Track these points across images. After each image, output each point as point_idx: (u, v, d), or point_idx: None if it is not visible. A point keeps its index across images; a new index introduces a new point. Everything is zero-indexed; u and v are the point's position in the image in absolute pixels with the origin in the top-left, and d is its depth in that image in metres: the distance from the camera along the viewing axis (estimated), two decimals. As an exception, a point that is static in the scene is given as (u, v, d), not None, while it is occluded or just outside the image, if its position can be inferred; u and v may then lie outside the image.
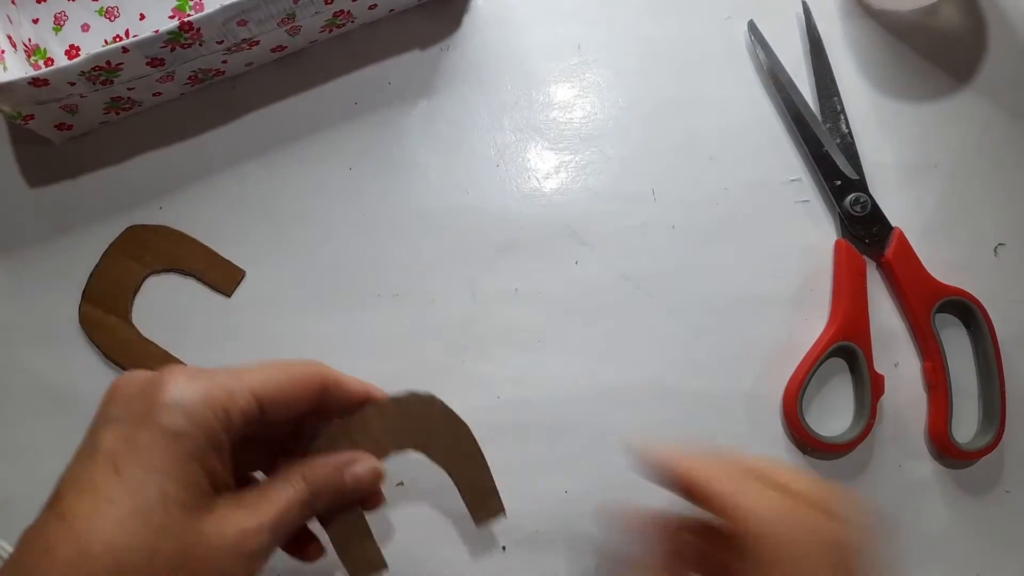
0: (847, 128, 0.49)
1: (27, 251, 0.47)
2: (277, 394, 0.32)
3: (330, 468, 0.33)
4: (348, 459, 0.34)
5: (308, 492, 0.32)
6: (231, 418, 0.30)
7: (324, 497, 0.33)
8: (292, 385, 0.32)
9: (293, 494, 0.32)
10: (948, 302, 0.47)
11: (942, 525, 0.46)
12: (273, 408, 0.31)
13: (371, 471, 0.34)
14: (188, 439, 0.28)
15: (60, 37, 0.49)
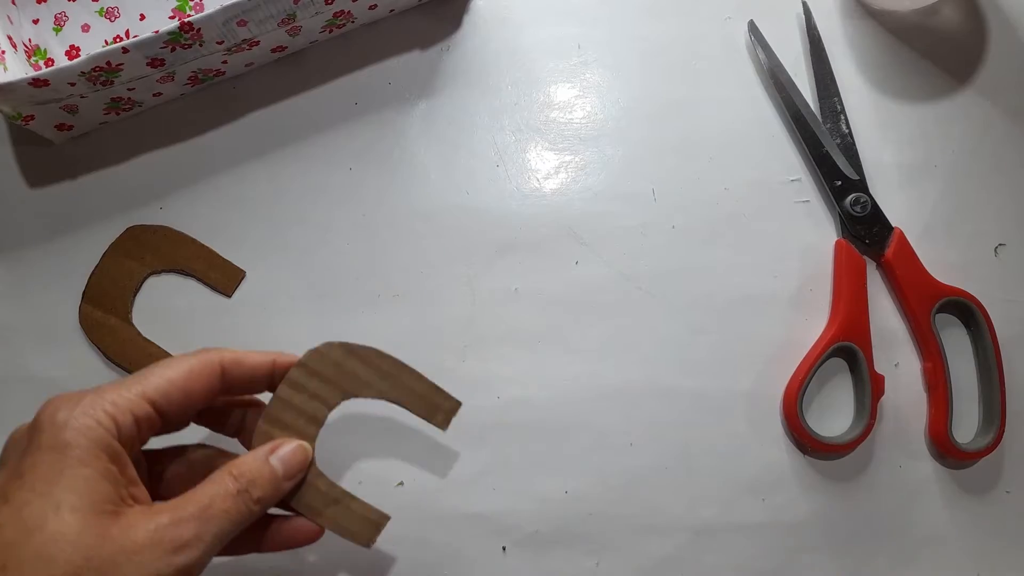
0: (847, 128, 0.49)
1: (27, 251, 0.47)
2: (174, 391, 0.32)
3: (253, 459, 0.34)
4: (270, 447, 0.35)
5: (237, 485, 0.32)
6: (120, 426, 0.30)
7: (259, 487, 0.33)
8: (189, 378, 0.33)
9: (220, 487, 0.32)
10: (948, 302, 0.47)
11: (942, 525, 0.46)
12: (176, 406, 0.32)
13: (295, 450, 0.35)
14: (75, 450, 0.29)
15: (60, 37, 0.49)
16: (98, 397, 0.31)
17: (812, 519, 0.45)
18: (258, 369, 0.36)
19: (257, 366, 0.36)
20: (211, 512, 0.31)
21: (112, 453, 0.30)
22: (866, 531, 0.45)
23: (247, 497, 0.32)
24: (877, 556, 0.45)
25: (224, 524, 0.31)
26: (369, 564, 0.44)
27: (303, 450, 0.36)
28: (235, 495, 0.32)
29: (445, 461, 0.45)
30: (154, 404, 0.32)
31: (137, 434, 0.31)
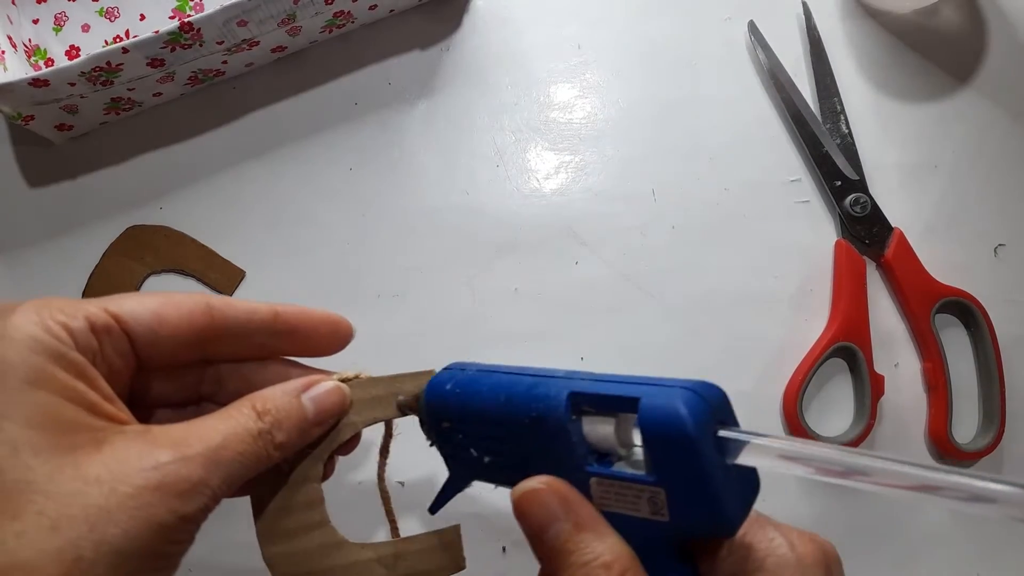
0: (847, 128, 0.49)
1: (27, 251, 0.47)
2: (144, 312, 0.27)
3: (282, 393, 0.28)
4: (304, 383, 0.29)
5: (260, 423, 0.27)
6: (74, 332, 0.24)
7: (284, 429, 0.28)
8: (165, 304, 0.28)
9: (238, 425, 0.26)
10: (948, 303, 0.47)
11: (942, 525, 0.46)
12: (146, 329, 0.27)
13: (332, 391, 0.30)
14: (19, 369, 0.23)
15: (60, 37, 0.49)
16: (43, 303, 0.25)
17: (812, 519, 0.45)
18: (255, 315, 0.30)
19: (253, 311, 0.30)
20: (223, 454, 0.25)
21: (71, 365, 0.24)
22: (866, 532, 0.45)
23: (268, 440, 0.27)
24: (877, 556, 0.45)
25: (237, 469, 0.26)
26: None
27: (340, 393, 0.30)
28: (255, 435, 0.26)
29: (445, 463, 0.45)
30: (117, 318, 0.26)
31: (98, 347, 0.25)
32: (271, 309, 0.30)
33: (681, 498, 0.23)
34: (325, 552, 0.30)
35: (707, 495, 0.23)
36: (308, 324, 0.31)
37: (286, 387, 0.29)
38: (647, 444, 0.23)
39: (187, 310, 0.28)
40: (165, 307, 0.27)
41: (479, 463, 0.29)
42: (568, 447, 0.25)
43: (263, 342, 0.30)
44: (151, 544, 0.23)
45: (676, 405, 0.22)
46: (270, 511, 0.30)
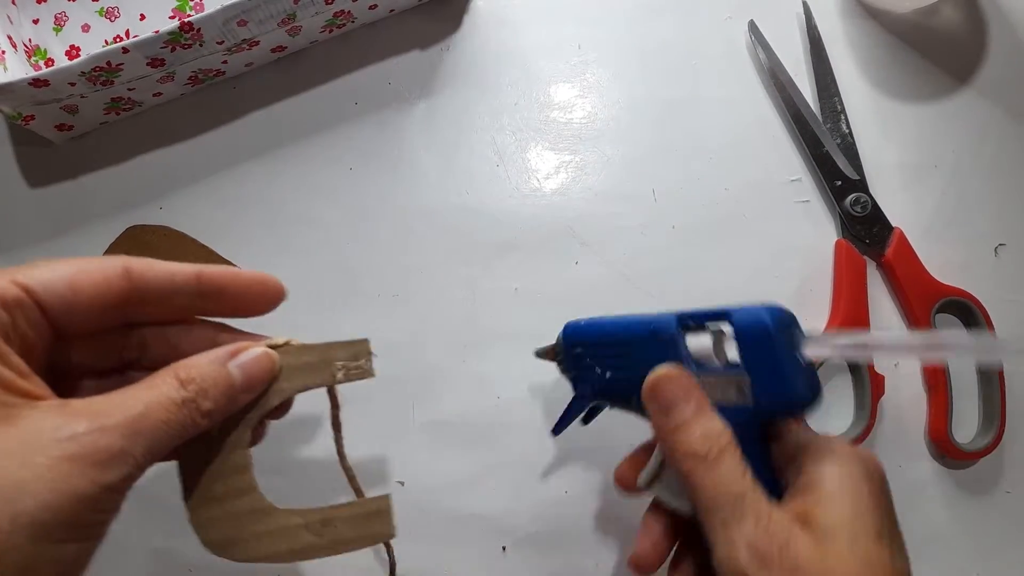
0: (847, 128, 0.49)
1: (27, 251, 0.47)
2: (57, 281, 0.26)
3: (208, 361, 0.28)
4: (231, 350, 0.29)
5: (183, 392, 0.27)
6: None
7: (211, 397, 0.27)
8: (79, 272, 0.27)
9: (160, 394, 0.26)
10: (948, 302, 0.47)
11: (942, 525, 0.45)
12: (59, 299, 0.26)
13: (259, 357, 0.30)
14: None
15: (60, 37, 0.49)
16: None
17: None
18: (176, 276, 0.29)
19: (174, 272, 0.29)
20: (145, 423, 0.25)
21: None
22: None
23: (193, 408, 0.27)
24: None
25: (161, 437, 0.26)
26: (369, 565, 0.44)
27: (269, 359, 0.30)
28: (179, 404, 0.26)
29: (445, 461, 0.45)
30: (27, 290, 0.26)
31: (9, 321, 0.25)
32: (195, 270, 0.29)
33: (763, 383, 0.31)
34: (253, 517, 0.30)
35: (783, 377, 0.30)
36: (236, 285, 0.31)
37: (212, 355, 0.28)
38: (738, 340, 0.31)
39: (103, 276, 0.27)
40: (79, 274, 0.27)
41: (602, 379, 0.36)
42: (676, 357, 0.33)
43: (188, 304, 0.30)
44: (72, 514, 0.23)
45: (759, 311, 0.31)
46: (198, 476, 0.30)
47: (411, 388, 0.45)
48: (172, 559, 0.44)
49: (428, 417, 0.45)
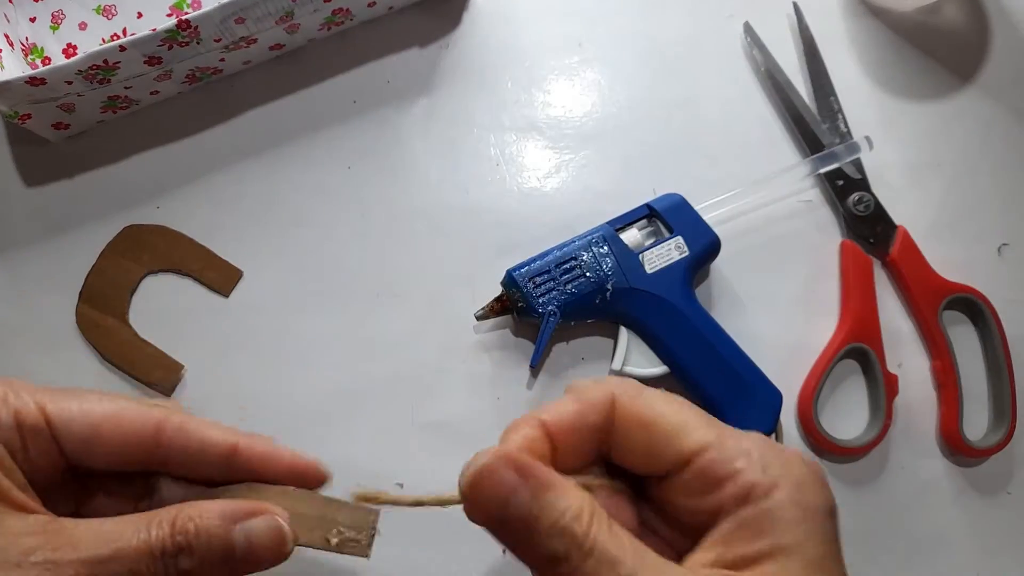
0: (845, 128, 0.49)
1: (24, 251, 0.47)
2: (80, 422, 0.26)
3: (215, 516, 0.25)
4: (246, 509, 0.26)
5: (168, 544, 0.24)
6: None
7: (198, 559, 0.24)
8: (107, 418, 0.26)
9: (138, 538, 0.24)
10: (955, 299, 0.46)
11: (943, 525, 0.45)
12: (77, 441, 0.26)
13: (272, 531, 0.26)
14: None
15: (57, 36, 0.48)
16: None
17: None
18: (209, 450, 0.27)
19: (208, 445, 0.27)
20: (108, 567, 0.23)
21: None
22: (867, 531, 0.45)
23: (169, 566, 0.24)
24: (878, 556, 0.45)
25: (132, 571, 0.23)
26: (369, 565, 0.43)
27: (281, 534, 0.26)
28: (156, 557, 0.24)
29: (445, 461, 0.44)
30: (49, 423, 0.26)
31: (20, 443, 0.25)
32: (230, 445, 0.27)
33: (691, 235, 0.44)
34: None
35: (704, 228, 0.44)
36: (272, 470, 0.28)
37: (224, 508, 0.25)
38: (665, 214, 0.44)
39: (133, 430, 0.26)
40: (108, 421, 0.26)
41: (563, 292, 0.43)
42: (621, 250, 0.43)
43: (215, 474, 0.28)
44: None
45: (669, 195, 0.45)
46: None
47: (411, 388, 0.45)
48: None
49: (428, 417, 0.45)
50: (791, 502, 0.24)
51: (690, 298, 0.43)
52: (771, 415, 0.42)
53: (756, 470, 0.24)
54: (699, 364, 0.43)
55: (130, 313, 0.46)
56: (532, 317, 0.43)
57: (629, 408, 0.26)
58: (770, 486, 0.24)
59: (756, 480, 0.24)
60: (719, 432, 0.26)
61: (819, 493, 0.25)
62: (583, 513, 0.24)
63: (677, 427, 0.26)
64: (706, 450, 0.25)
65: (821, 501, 0.24)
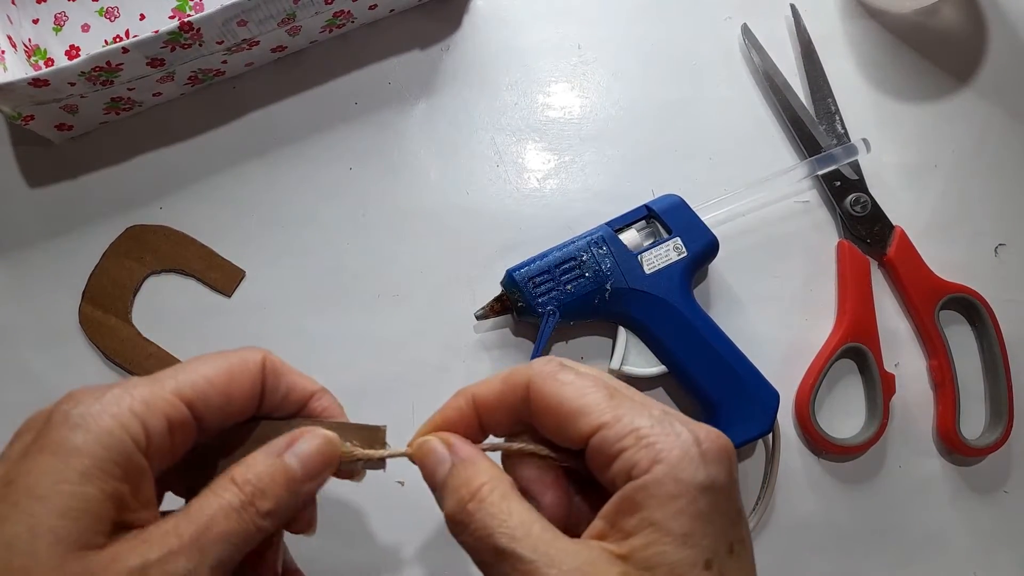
0: (843, 129, 0.49)
1: (27, 251, 0.47)
2: (214, 393, 0.27)
3: (264, 457, 0.27)
4: (287, 440, 0.28)
5: (242, 495, 0.26)
6: (150, 433, 0.25)
7: (272, 496, 0.26)
8: (230, 378, 0.28)
9: (219, 504, 0.25)
10: (952, 299, 0.47)
11: (940, 525, 0.45)
12: (214, 411, 0.27)
13: (321, 443, 0.29)
14: (83, 460, 0.24)
15: (60, 37, 0.49)
16: (126, 392, 0.25)
17: (817, 518, 0.45)
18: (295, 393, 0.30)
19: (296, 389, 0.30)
20: (208, 537, 0.25)
21: (130, 468, 0.25)
22: (866, 531, 0.45)
23: (252, 512, 0.26)
24: (876, 555, 0.45)
25: (226, 550, 0.25)
26: (370, 564, 0.44)
27: (328, 443, 0.29)
28: (238, 510, 0.26)
29: (445, 461, 0.45)
30: (191, 407, 0.27)
31: (170, 444, 0.26)
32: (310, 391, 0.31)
33: (689, 237, 0.44)
34: None
35: (702, 229, 0.44)
36: None
37: (267, 448, 0.28)
38: (664, 215, 0.44)
39: (248, 384, 0.28)
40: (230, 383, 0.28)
41: (564, 292, 0.43)
42: (619, 250, 0.44)
43: None
44: None
45: (667, 196, 0.45)
46: None
47: (412, 387, 0.45)
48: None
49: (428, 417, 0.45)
50: (668, 478, 0.25)
51: (688, 298, 0.43)
52: (768, 414, 0.43)
53: (640, 447, 0.26)
54: (697, 364, 0.43)
55: (133, 313, 0.46)
56: (532, 317, 0.43)
57: (539, 391, 0.28)
58: (651, 462, 0.25)
59: (638, 458, 0.25)
60: (617, 412, 0.27)
61: (698, 469, 0.25)
62: (475, 481, 0.27)
63: (577, 410, 0.27)
64: (599, 430, 0.27)
65: (701, 476, 0.25)
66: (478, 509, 0.26)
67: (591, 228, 0.45)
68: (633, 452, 0.26)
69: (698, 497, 0.25)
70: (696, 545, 0.24)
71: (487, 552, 0.26)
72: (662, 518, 0.24)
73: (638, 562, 0.24)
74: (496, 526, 0.26)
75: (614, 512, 0.26)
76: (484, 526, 0.26)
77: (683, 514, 0.24)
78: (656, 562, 0.24)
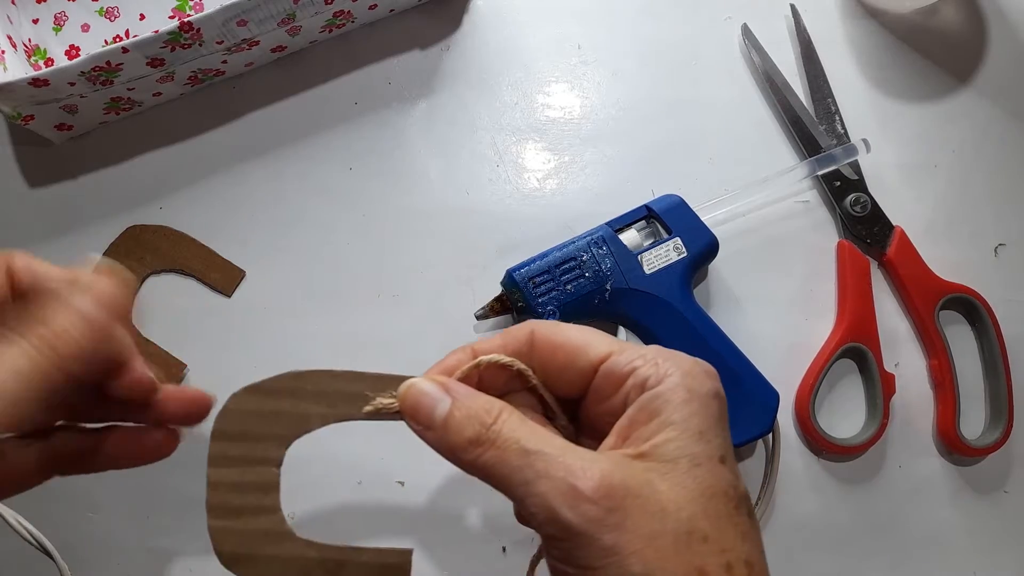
0: (843, 129, 0.49)
1: (27, 251, 0.47)
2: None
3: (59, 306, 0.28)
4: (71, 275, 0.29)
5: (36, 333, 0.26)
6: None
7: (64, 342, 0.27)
8: None
9: None
10: (952, 299, 0.47)
11: (940, 525, 0.45)
12: None
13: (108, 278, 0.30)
14: None
15: (60, 37, 0.49)
16: None
17: (817, 518, 0.45)
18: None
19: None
20: None
21: None
22: (866, 530, 0.45)
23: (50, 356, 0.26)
24: (876, 554, 0.45)
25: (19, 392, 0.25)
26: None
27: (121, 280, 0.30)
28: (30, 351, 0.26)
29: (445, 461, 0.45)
30: None
31: None
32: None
33: (689, 236, 0.44)
34: (270, 539, 0.30)
35: (702, 229, 0.44)
36: None
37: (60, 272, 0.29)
38: (664, 216, 0.45)
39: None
40: None
41: (564, 293, 0.43)
42: (620, 250, 0.44)
43: None
44: None
45: (667, 196, 0.45)
46: (223, 485, 0.30)
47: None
48: (172, 559, 0.44)
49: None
50: (680, 387, 0.28)
51: (688, 298, 0.44)
52: (768, 414, 0.43)
53: (650, 365, 0.29)
54: None
55: (133, 313, 0.46)
56: (532, 317, 0.43)
57: (544, 336, 0.31)
58: (662, 375, 0.28)
59: (650, 373, 0.28)
60: (620, 344, 0.30)
61: (704, 381, 0.28)
62: (493, 407, 0.29)
63: (584, 344, 0.30)
64: (609, 356, 0.29)
65: (708, 387, 0.28)
66: (502, 426, 0.28)
67: (591, 228, 0.45)
68: (644, 369, 0.28)
69: (709, 402, 0.28)
70: (711, 441, 0.27)
71: (513, 457, 0.27)
72: (680, 418, 0.27)
73: (659, 457, 0.26)
74: (522, 435, 0.27)
75: (628, 425, 0.28)
76: (509, 438, 0.27)
77: (697, 415, 0.27)
78: (677, 454, 0.26)
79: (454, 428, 0.29)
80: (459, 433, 0.28)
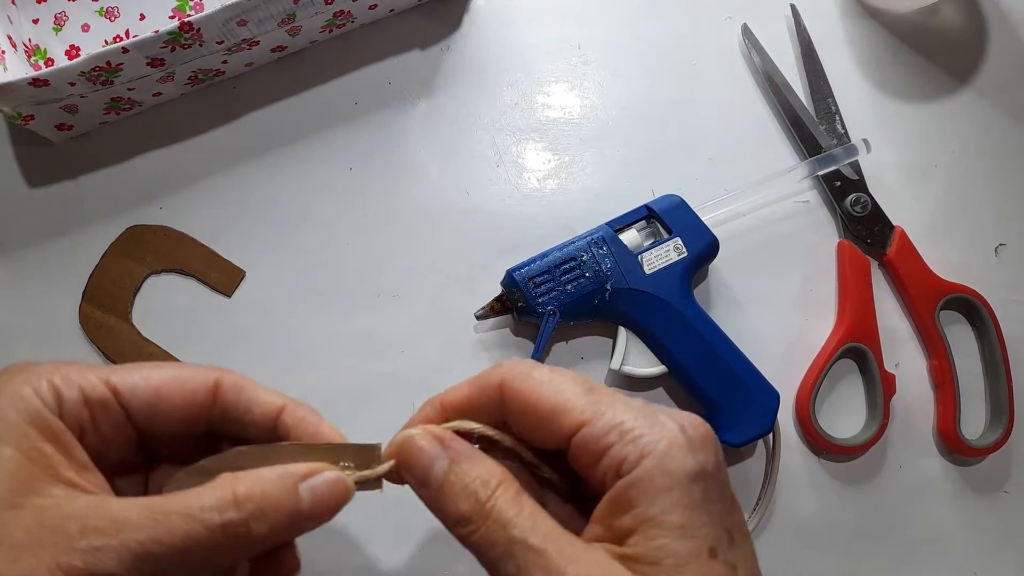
0: (843, 129, 0.49)
1: (27, 251, 0.47)
2: (145, 388, 0.27)
3: (278, 477, 0.26)
4: (306, 470, 0.27)
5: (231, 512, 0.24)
6: (63, 400, 0.26)
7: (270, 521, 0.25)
8: (170, 381, 0.28)
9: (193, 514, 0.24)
10: (952, 299, 0.47)
11: (941, 525, 0.45)
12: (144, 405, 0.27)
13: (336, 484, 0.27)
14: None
15: (60, 37, 0.49)
16: (53, 367, 0.26)
17: (817, 518, 0.45)
18: (259, 408, 0.29)
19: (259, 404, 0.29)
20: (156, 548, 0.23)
21: (46, 429, 0.25)
22: (867, 530, 0.45)
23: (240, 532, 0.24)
24: (877, 554, 0.45)
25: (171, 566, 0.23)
26: (370, 564, 0.44)
27: (343, 486, 0.27)
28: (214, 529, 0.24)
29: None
30: (116, 392, 0.27)
31: (89, 418, 0.26)
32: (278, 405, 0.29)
33: (689, 236, 0.44)
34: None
35: (702, 229, 0.44)
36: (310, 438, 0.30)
37: (283, 471, 0.26)
38: (664, 216, 0.44)
39: (190, 392, 0.28)
40: (169, 383, 0.28)
41: (564, 292, 0.43)
42: (620, 250, 0.44)
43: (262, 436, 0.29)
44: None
45: (667, 196, 0.45)
46: None
47: (412, 388, 0.45)
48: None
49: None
50: (658, 470, 0.24)
51: (688, 298, 0.43)
52: (769, 415, 0.43)
53: (626, 442, 0.25)
54: (697, 364, 0.43)
55: (133, 313, 0.46)
56: (532, 317, 0.43)
57: (514, 391, 0.28)
58: (639, 456, 0.25)
59: (626, 453, 0.25)
60: (596, 408, 0.26)
61: (686, 457, 0.25)
62: (491, 480, 0.26)
63: (556, 407, 0.27)
64: (582, 427, 0.26)
65: (689, 465, 0.25)
66: (496, 502, 0.26)
67: (591, 228, 0.45)
68: (619, 448, 0.25)
69: (690, 487, 0.24)
70: (696, 535, 0.24)
71: (501, 545, 0.25)
72: (658, 512, 0.24)
73: (640, 558, 0.24)
74: (512, 517, 0.25)
75: (608, 512, 0.25)
76: (499, 519, 0.26)
77: (678, 506, 0.24)
78: (659, 556, 0.24)
79: (450, 496, 0.27)
80: (454, 504, 0.27)
